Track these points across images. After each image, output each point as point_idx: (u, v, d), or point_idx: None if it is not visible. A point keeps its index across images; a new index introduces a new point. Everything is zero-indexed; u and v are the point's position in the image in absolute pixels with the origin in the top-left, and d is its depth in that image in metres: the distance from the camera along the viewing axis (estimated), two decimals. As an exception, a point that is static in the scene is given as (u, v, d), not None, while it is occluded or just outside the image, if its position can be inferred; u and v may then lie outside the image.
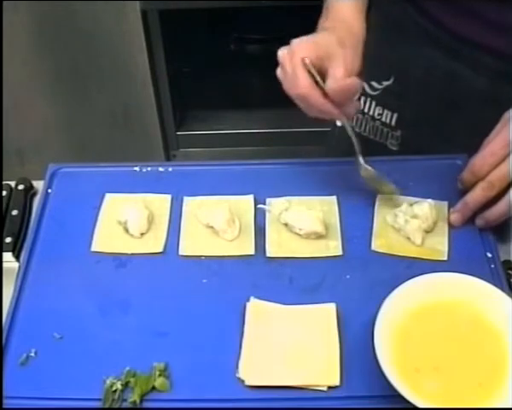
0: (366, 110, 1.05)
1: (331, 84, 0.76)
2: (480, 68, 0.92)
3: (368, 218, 0.86)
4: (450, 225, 0.84)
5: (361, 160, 0.84)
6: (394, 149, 1.05)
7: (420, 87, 1.00)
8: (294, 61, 0.78)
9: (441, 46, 0.94)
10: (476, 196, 0.81)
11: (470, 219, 0.84)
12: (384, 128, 1.05)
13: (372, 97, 1.04)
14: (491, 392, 0.65)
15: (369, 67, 0.86)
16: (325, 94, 0.77)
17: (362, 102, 1.04)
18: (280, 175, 0.91)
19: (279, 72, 0.80)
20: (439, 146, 0.95)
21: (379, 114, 1.05)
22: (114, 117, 1.81)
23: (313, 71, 0.78)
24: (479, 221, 0.83)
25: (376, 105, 1.04)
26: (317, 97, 0.78)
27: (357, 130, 1.07)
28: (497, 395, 0.65)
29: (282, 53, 0.79)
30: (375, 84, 1.03)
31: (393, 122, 1.04)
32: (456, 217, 0.84)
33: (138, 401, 0.68)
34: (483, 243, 0.82)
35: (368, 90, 1.04)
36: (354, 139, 0.83)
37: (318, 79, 0.78)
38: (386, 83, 1.02)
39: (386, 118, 1.04)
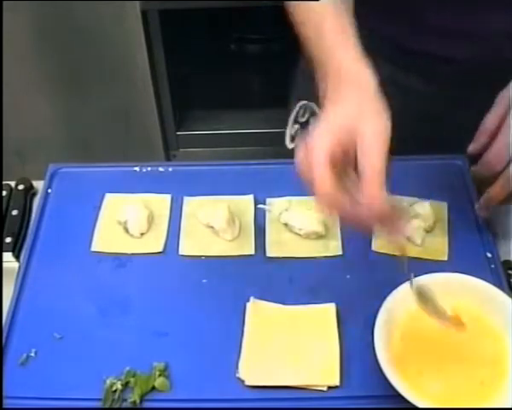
0: None
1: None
2: (431, 79, 0.92)
3: (368, 218, 0.86)
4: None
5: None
6: None
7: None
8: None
9: (393, 61, 0.92)
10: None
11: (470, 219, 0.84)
12: None
13: None
14: (492, 391, 0.65)
15: None
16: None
17: None
18: (280, 175, 0.91)
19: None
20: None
21: None
22: (114, 117, 1.81)
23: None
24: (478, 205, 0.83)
25: None
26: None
27: None
28: (498, 394, 0.65)
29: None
30: None
31: None
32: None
33: (138, 401, 0.69)
34: (483, 243, 0.82)
35: None
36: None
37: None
38: None
39: None
